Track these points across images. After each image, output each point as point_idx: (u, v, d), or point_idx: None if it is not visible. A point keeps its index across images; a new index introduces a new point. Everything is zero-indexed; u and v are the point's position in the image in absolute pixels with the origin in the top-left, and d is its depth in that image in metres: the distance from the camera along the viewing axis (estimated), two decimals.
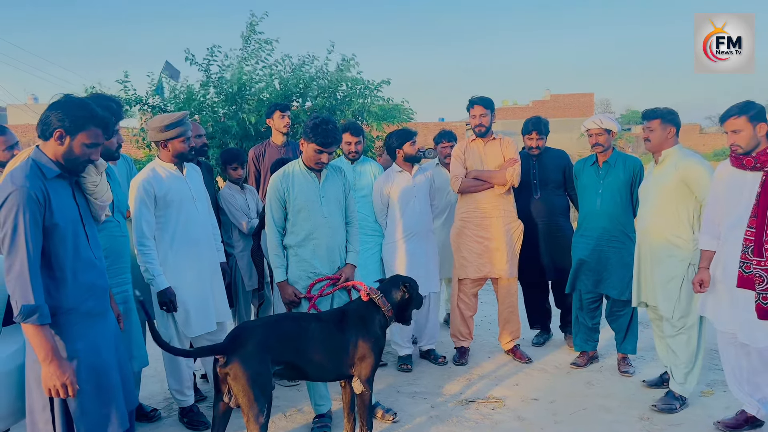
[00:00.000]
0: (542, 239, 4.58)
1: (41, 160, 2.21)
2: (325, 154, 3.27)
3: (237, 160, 4.16)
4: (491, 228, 4.35)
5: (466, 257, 4.42)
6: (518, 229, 4.44)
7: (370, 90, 8.02)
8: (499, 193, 4.36)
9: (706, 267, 3.29)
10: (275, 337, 2.80)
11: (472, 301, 4.54)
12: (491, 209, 4.36)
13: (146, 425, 3.52)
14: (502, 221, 4.36)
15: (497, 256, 4.36)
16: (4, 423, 2.66)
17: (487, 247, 4.36)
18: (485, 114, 4.38)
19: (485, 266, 4.38)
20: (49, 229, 2.15)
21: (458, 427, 3.47)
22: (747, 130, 3.03)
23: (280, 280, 3.35)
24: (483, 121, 4.38)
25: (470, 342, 4.64)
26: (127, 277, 3.10)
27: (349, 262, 3.46)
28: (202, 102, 7.40)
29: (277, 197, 3.32)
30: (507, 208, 4.41)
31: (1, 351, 2.66)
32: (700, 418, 3.47)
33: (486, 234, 4.35)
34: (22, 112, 31.38)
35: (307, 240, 3.33)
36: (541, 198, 4.61)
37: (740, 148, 3.06)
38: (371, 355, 3.01)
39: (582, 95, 46.49)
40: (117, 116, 2.95)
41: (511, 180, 4.29)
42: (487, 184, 4.35)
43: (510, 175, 4.28)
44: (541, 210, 4.60)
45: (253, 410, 2.64)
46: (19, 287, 2.06)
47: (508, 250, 4.36)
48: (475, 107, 4.40)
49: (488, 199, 4.36)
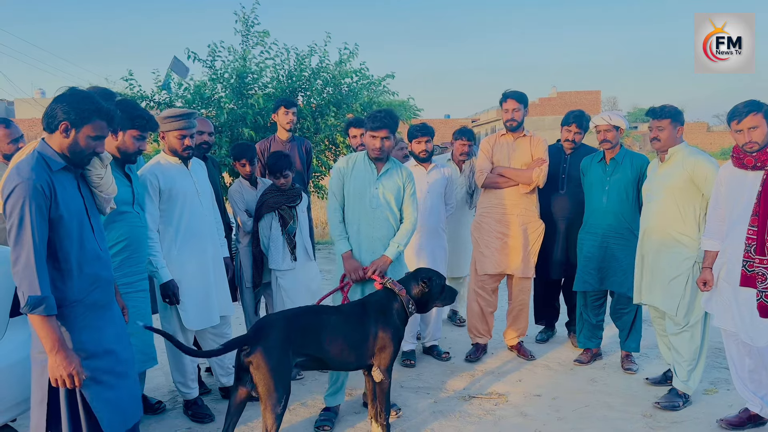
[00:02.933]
0: (563, 236, 4.49)
1: (47, 153, 2.22)
2: (378, 139, 3.35)
3: (245, 155, 4.11)
4: (511, 225, 4.29)
5: (484, 252, 4.38)
6: (538, 230, 4.35)
7: (375, 84, 8.04)
8: (523, 192, 4.28)
9: (710, 267, 3.30)
10: (297, 330, 2.89)
11: (491, 297, 4.47)
12: (512, 206, 4.29)
13: (151, 417, 3.54)
14: (522, 219, 4.29)
15: (514, 254, 4.31)
16: (12, 412, 2.69)
17: (506, 243, 4.31)
18: (518, 108, 4.28)
19: (502, 262, 4.33)
20: (54, 221, 2.17)
21: (461, 422, 3.48)
22: (763, 126, 3.03)
23: (344, 250, 3.44)
24: (515, 115, 4.28)
25: (488, 339, 4.56)
26: (146, 266, 3.13)
27: (384, 254, 3.43)
28: (209, 97, 7.43)
29: (339, 177, 3.48)
30: (529, 207, 4.33)
31: (10, 342, 2.70)
32: (703, 416, 3.47)
33: (505, 230, 4.30)
34: (29, 106, 31.51)
35: (352, 225, 3.45)
36: (566, 193, 4.50)
37: (757, 144, 3.04)
38: (391, 345, 3.10)
39: (589, 93, 46.32)
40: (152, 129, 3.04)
41: (537, 180, 4.21)
42: (512, 181, 4.29)
43: (536, 175, 4.20)
44: (565, 206, 4.49)
45: (272, 400, 2.72)
46: (26, 279, 2.08)
47: (524, 250, 4.31)
48: (508, 101, 4.30)
49: (511, 197, 4.30)
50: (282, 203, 3.97)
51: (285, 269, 3.98)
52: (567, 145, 4.55)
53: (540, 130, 32.27)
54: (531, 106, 32.23)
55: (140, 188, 3.11)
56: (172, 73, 7.41)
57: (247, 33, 7.66)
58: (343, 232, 3.48)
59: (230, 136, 7.31)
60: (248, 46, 7.64)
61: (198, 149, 3.79)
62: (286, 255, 3.97)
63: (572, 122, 4.52)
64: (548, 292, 4.88)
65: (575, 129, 4.51)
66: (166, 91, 7.43)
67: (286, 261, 3.97)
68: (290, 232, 3.97)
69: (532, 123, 35.49)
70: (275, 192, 4.01)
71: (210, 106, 7.52)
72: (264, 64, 7.67)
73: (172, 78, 7.39)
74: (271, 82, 7.71)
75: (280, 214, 3.97)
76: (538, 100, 46.01)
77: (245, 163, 4.10)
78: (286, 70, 7.78)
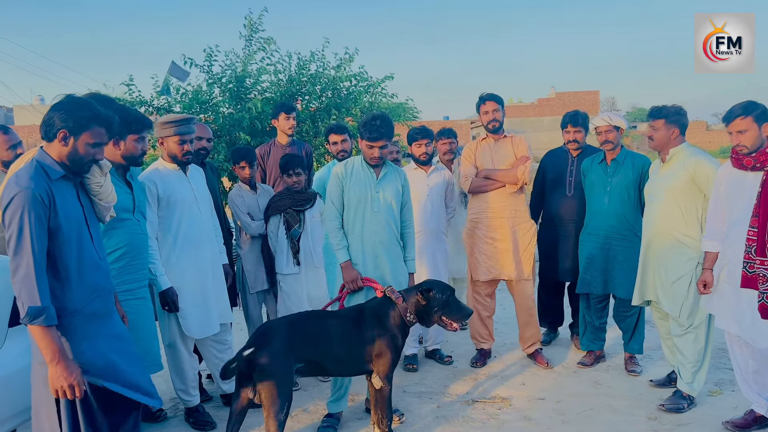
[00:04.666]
0: (572, 239, 4.41)
1: (45, 161, 2.21)
2: (375, 149, 3.37)
3: (245, 158, 4.07)
4: (501, 228, 4.25)
5: (477, 258, 4.35)
6: (529, 231, 4.30)
7: (374, 87, 8.04)
8: (510, 192, 4.24)
9: (710, 268, 3.29)
10: (298, 336, 2.89)
11: (487, 302, 4.44)
12: (501, 209, 4.26)
13: (152, 425, 3.52)
14: (512, 222, 4.26)
15: (506, 258, 4.26)
16: (13, 422, 2.67)
17: (497, 248, 4.27)
18: (497, 109, 4.29)
19: (494, 268, 4.29)
20: (53, 230, 2.15)
21: (464, 426, 3.45)
22: (752, 130, 3.02)
23: (344, 260, 3.42)
24: (496, 116, 4.28)
25: (491, 343, 4.53)
26: (146, 273, 3.11)
27: (410, 272, 3.56)
28: (207, 101, 7.43)
29: (338, 183, 3.47)
30: (518, 208, 4.29)
31: (9, 351, 2.68)
32: (709, 418, 3.44)
33: (495, 235, 4.26)
34: (28, 112, 31.54)
35: (353, 231, 3.44)
36: (574, 196, 4.45)
37: (745, 148, 3.04)
38: (388, 352, 3.09)
39: (587, 93, 46.25)
40: (148, 127, 3.06)
41: (522, 178, 4.17)
42: (498, 183, 4.26)
43: (521, 173, 4.16)
44: (573, 209, 4.43)
45: (275, 407, 2.72)
46: (26, 289, 2.06)
47: (516, 253, 4.26)
48: (486, 103, 4.31)
49: (499, 199, 4.26)
50: (288, 206, 3.94)
51: (287, 273, 3.96)
52: (572, 146, 4.51)
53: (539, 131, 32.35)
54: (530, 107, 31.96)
55: (141, 195, 3.09)
56: (170, 78, 7.40)
57: (250, 38, 7.66)
58: (343, 240, 3.46)
59: (228, 140, 7.30)
60: (251, 51, 7.64)
61: (196, 155, 3.78)
62: (289, 259, 3.95)
63: (568, 123, 4.53)
64: (554, 295, 4.86)
65: (572, 129, 4.50)
66: (166, 96, 7.42)
67: (290, 265, 3.95)
68: (294, 236, 3.94)
69: (531, 124, 35.43)
70: (284, 195, 3.99)
71: (208, 111, 7.52)
72: (263, 69, 7.67)
73: (170, 82, 7.38)
74: (270, 87, 7.71)
75: (285, 218, 3.94)
76: (537, 101, 45.95)
77: (245, 166, 4.08)
78: (287, 74, 7.78)
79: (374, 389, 3.18)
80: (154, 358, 3.11)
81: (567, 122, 4.52)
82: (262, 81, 7.66)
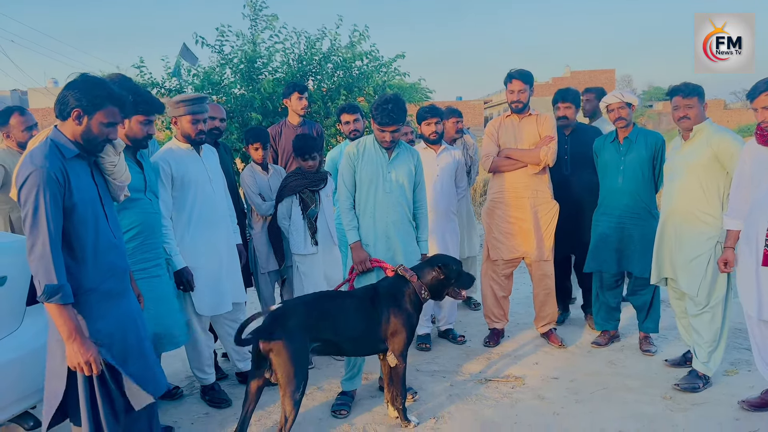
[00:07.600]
0: (570, 217, 4.38)
1: (60, 140, 2.21)
2: (387, 133, 3.35)
3: (259, 139, 4.06)
4: (522, 209, 4.19)
5: (498, 238, 4.31)
6: (551, 211, 4.23)
7: (386, 66, 7.96)
8: (533, 173, 4.16)
9: (731, 246, 3.24)
10: (314, 316, 2.91)
11: (505, 282, 4.41)
12: (523, 189, 4.19)
13: (168, 403, 3.57)
14: (534, 202, 4.19)
15: (527, 238, 4.22)
16: (32, 399, 2.72)
17: (520, 228, 4.22)
18: (524, 90, 4.17)
19: (518, 247, 4.25)
20: (68, 209, 2.16)
21: (478, 405, 3.47)
22: None
23: (353, 241, 3.45)
24: (521, 97, 4.17)
25: (505, 323, 4.51)
26: (161, 251, 3.11)
27: (423, 253, 3.55)
28: (219, 82, 7.41)
29: (350, 164, 3.46)
30: (541, 188, 4.21)
31: (27, 330, 2.72)
32: (724, 398, 3.42)
33: (518, 214, 4.21)
34: (42, 95, 31.72)
35: (365, 211, 3.45)
36: (571, 174, 4.44)
37: None
38: (403, 330, 3.12)
39: (603, 71, 45.60)
40: (157, 110, 3.02)
41: (546, 159, 4.08)
42: (520, 163, 4.18)
43: (544, 154, 4.07)
44: (571, 187, 4.43)
45: (291, 386, 2.75)
46: (42, 267, 2.08)
47: (537, 232, 4.20)
48: (513, 82, 4.18)
49: (521, 179, 4.19)
50: (304, 187, 3.93)
51: (305, 254, 3.96)
52: (561, 123, 4.48)
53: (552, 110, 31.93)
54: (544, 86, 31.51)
55: (152, 175, 3.09)
56: (182, 60, 7.38)
57: (255, 17, 7.60)
58: (353, 221, 3.47)
59: (240, 121, 7.29)
60: (257, 30, 7.58)
61: (210, 135, 3.77)
62: (307, 239, 3.95)
63: (558, 100, 4.56)
64: (558, 273, 4.84)
65: (562, 105, 4.49)
66: (176, 78, 7.41)
67: (308, 245, 3.95)
68: (311, 216, 3.94)
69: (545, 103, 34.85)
70: (298, 176, 3.98)
71: (220, 92, 7.50)
72: (274, 48, 7.62)
73: (182, 65, 7.36)
74: (281, 66, 7.66)
75: (302, 198, 3.93)
76: (551, 80, 45.40)
77: (258, 147, 4.07)
78: (297, 54, 7.72)
79: (388, 368, 3.20)
80: (177, 333, 3.10)
81: (558, 99, 4.52)
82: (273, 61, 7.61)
